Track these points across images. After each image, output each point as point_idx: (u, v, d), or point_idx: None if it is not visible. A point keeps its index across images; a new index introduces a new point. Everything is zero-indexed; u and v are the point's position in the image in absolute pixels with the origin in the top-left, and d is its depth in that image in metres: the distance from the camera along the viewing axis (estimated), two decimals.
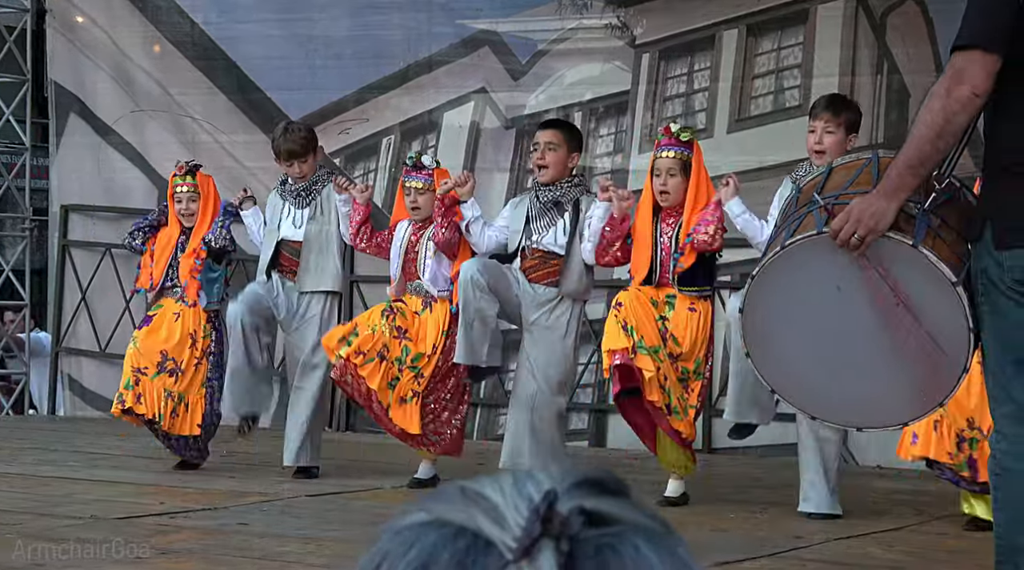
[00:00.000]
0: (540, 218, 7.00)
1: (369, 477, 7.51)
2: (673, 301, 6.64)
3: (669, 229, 6.68)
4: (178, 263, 7.69)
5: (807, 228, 3.96)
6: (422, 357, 7.18)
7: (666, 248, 6.67)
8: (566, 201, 6.98)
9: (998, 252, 3.88)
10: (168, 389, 7.55)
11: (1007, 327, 3.89)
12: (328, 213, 7.53)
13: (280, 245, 7.59)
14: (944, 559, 5.68)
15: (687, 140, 6.68)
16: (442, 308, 7.21)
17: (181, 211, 7.71)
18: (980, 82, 3.82)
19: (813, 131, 6.51)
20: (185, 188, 7.72)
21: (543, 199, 7.01)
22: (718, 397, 8.74)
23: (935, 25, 8.28)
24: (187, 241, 7.69)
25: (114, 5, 10.30)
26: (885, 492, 7.33)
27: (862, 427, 4.60)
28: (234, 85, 10.00)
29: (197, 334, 7.63)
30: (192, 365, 7.62)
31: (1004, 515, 3.94)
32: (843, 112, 6.52)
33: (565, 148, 7.00)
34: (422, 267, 7.26)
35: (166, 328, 7.64)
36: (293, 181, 7.62)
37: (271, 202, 7.73)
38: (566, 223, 6.95)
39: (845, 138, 6.47)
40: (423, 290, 7.26)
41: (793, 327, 4.03)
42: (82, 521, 5.98)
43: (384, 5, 9.64)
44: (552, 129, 7.16)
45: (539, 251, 7.00)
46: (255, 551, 5.51)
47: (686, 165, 6.65)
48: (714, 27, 8.94)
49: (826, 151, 6.40)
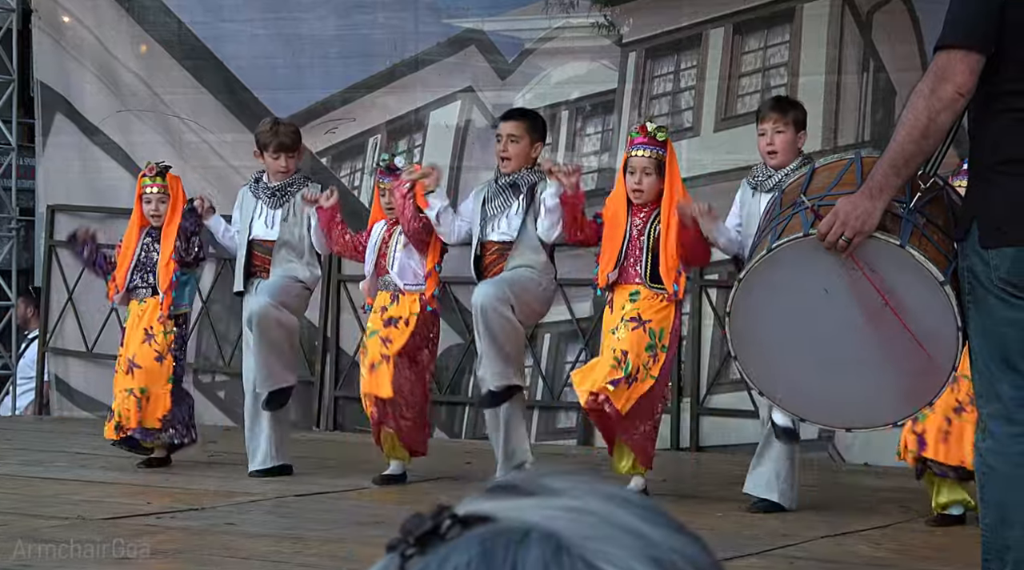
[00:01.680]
0: (494, 199, 7.02)
1: (356, 476, 7.50)
2: (636, 297, 6.66)
3: (640, 222, 6.71)
4: (141, 264, 7.71)
5: (793, 230, 3.96)
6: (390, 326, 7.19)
7: (634, 241, 6.70)
8: (522, 184, 7.00)
9: (985, 250, 3.89)
10: (129, 387, 7.57)
11: (994, 325, 3.90)
12: (300, 216, 7.53)
13: (252, 245, 7.59)
14: (931, 556, 5.69)
15: (662, 140, 6.71)
16: (409, 301, 7.22)
17: (150, 212, 7.72)
18: (964, 81, 3.83)
19: (763, 134, 6.59)
20: (155, 189, 7.73)
21: (500, 183, 7.05)
22: (705, 395, 8.75)
23: (921, 23, 8.30)
24: (152, 243, 7.70)
25: (100, 5, 10.28)
26: (872, 490, 7.34)
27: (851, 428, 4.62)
28: (221, 85, 9.99)
29: (154, 329, 7.63)
30: (152, 359, 7.61)
31: (991, 513, 3.95)
32: (790, 111, 6.63)
33: (527, 138, 7.03)
34: (391, 260, 7.28)
35: (128, 337, 7.70)
36: (268, 180, 7.61)
37: (244, 199, 7.70)
38: (520, 205, 6.97)
39: (795, 136, 6.57)
40: (391, 284, 7.28)
41: (781, 329, 4.03)
42: (69, 521, 5.97)
43: (370, 4, 9.64)
44: (514, 120, 7.17)
45: (495, 243, 7.01)
46: (242, 551, 5.50)
47: (660, 164, 6.68)
48: (700, 26, 8.95)
49: (778, 151, 6.52)
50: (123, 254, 7.77)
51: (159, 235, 7.71)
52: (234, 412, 9.70)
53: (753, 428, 6.88)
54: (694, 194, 8.64)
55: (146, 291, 7.73)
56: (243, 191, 7.76)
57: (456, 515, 0.86)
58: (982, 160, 3.97)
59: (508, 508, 0.86)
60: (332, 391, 9.60)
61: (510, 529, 0.84)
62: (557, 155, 9.12)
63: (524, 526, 0.84)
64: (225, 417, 9.80)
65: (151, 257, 7.73)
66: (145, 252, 7.73)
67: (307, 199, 7.43)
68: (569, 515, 0.85)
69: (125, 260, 7.74)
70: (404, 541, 0.86)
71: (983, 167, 3.97)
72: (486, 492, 0.89)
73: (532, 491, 0.88)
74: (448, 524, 0.85)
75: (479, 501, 0.88)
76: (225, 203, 9.89)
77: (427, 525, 0.85)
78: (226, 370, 9.84)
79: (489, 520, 0.85)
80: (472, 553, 0.83)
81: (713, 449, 8.71)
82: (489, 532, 0.84)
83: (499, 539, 0.84)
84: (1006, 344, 3.89)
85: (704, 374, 8.78)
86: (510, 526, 0.84)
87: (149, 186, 7.74)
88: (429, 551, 0.85)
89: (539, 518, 0.85)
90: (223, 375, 9.94)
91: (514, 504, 0.87)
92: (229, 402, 9.81)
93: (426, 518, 0.86)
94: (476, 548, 0.83)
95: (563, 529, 0.84)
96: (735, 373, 7.62)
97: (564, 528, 0.84)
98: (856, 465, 8.22)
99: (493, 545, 0.83)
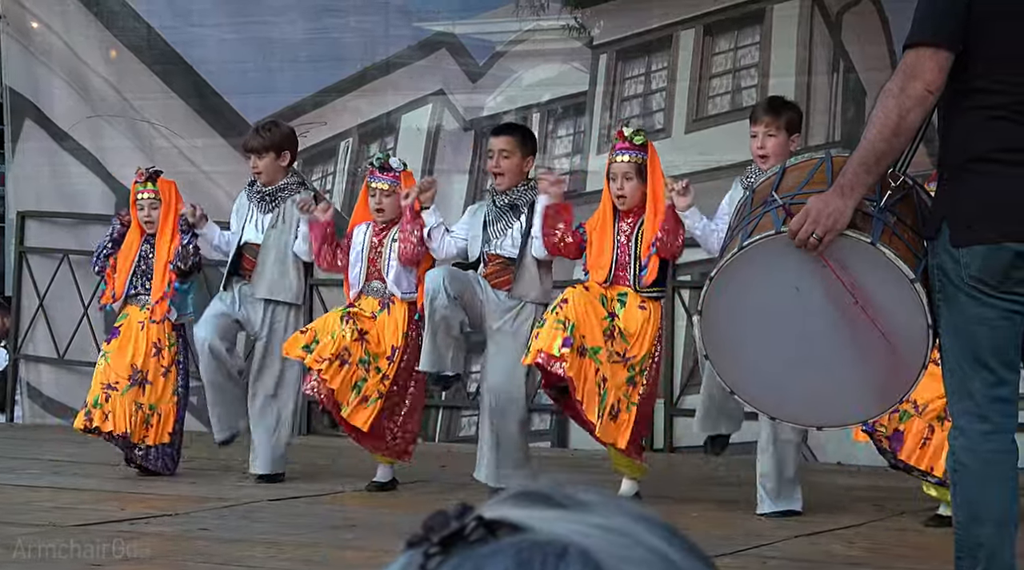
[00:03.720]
0: (496, 223, 7.02)
1: (330, 481, 7.49)
2: (624, 299, 6.67)
3: (628, 228, 6.71)
4: (141, 271, 7.66)
5: (764, 228, 3.97)
6: (381, 358, 7.17)
7: (623, 247, 6.70)
8: (522, 204, 7.00)
9: (955, 249, 3.91)
10: (138, 402, 7.53)
11: (964, 323, 3.92)
12: (289, 223, 7.49)
13: (243, 248, 7.57)
14: (905, 554, 5.70)
15: (641, 143, 6.70)
16: (401, 309, 7.20)
17: (143, 218, 7.67)
18: (932, 78, 3.84)
19: (755, 136, 6.53)
20: (147, 195, 7.68)
21: (499, 204, 7.03)
22: (679, 396, 8.76)
23: (890, 23, 8.32)
24: (151, 249, 7.65)
25: (69, 10, 10.25)
26: (845, 489, 7.36)
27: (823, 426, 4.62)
28: (191, 89, 9.95)
29: (162, 343, 7.61)
30: (160, 375, 7.60)
31: (963, 511, 3.96)
32: (783, 113, 6.56)
33: (519, 154, 7.02)
34: (386, 268, 7.24)
35: (133, 341, 7.62)
36: (260, 183, 7.58)
37: (239, 202, 7.70)
38: (522, 225, 6.97)
39: (787, 139, 6.50)
40: (382, 291, 7.24)
41: (752, 328, 4.04)
42: (41, 529, 5.94)
43: (340, 8, 9.62)
44: (505, 135, 7.15)
45: (498, 257, 7.01)
46: (217, 556, 5.49)
47: (641, 168, 6.68)
48: (671, 27, 8.96)
49: (769, 155, 6.41)
50: (123, 260, 7.71)
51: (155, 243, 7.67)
52: (208, 418, 9.66)
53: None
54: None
55: (147, 297, 7.67)
56: (241, 194, 7.74)
57: (482, 517, 0.84)
58: (952, 158, 3.99)
59: (540, 518, 0.84)
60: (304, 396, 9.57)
61: (547, 542, 0.82)
62: None
63: (560, 541, 0.83)
64: (198, 422, 9.76)
65: (150, 264, 7.68)
66: (144, 259, 7.69)
67: (302, 208, 7.37)
68: (602, 534, 0.84)
69: (125, 266, 7.69)
70: (426, 539, 0.83)
71: (953, 165, 3.98)
72: (513, 497, 0.86)
73: (563, 503, 0.86)
74: (473, 526, 0.83)
75: (506, 506, 0.85)
76: None
77: (452, 526, 0.83)
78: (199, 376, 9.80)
79: (519, 529, 0.83)
80: (508, 563, 0.81)
81: (687, 450, 8.72)
82: (525, 543, 0.82)
83: (536, 552, 0.82)
84: (977, 341, 3.91)
85: (677, 375, 8.78)
86: (545, 539, 0.83)
87: (141, 192, 7.69)
88: (454, 553, 0.83)
89: (573, 533, 0.83)
90: (196, 380, 9.89)
91: (545, 515, 0.85)
92: (202, 408, 9.77)
93: (450, 518, 0.84)
94: (512, 558, 0.81)
95: (599, 548, 0.83)
96: None
97: (599, 548, 0.83)
98: (829, 464, 8.23)
99: (530, 557, 0.81)
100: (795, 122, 6.56)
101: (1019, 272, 3.88)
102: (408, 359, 7.16)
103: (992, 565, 3.89)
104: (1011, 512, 3.94)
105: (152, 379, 7.56)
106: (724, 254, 4.08)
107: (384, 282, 7.23)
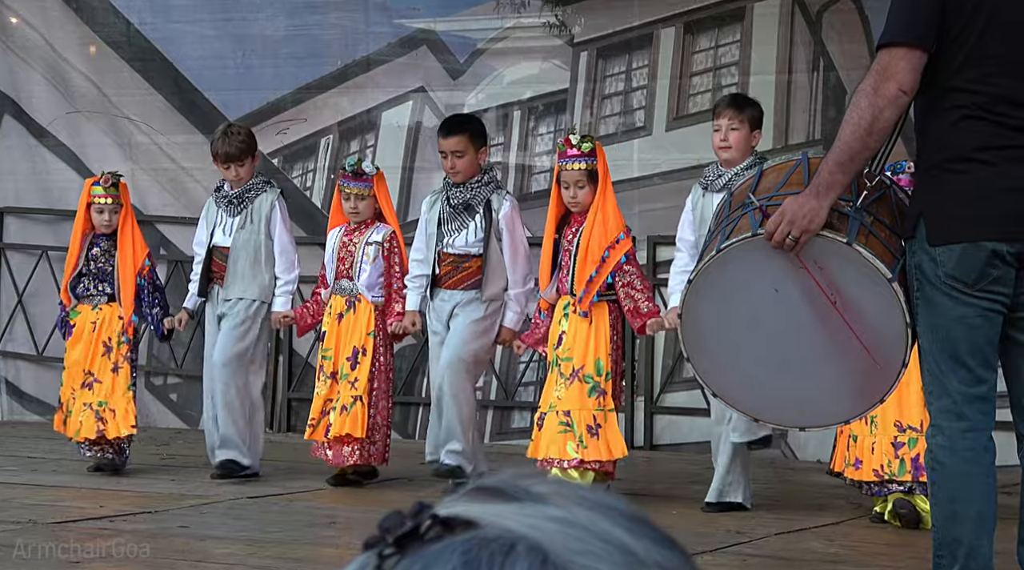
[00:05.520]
0: (451, 221, 7.04)
1: (310, 478, 7.48)
2: (567, 310, 6.70)
3: (571, 234, 6.74)
4: (91, 272, 7.68)
5: (742, 230, 3.97)
6: (345, 364, 7.21)
7: (566, 252, 6.73)
8: (476, 202, 7.01)
9: (932, 248, 3.92)
10: (87, 402, 7.54)
11: (942, 322, 3.93)
12: (258, 223, 7.50)
13: (212, 252, 7.57)
14: (883, 552, 5.72)
15: (588, 150, 6.71)
16: (367, 309, 7.23)
17: (102, 222, 7.68)
18: (906, 78, 3.85)
19: (718, 130, 6.60)
20: (109, 201, 7.69)
21: (454, 202, 7.05)
22: (659, 394, 8.77)
23: (870, 22, 8.34)
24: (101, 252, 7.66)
25: (48, 6, 10.22)
26: (824, 487, 7.37)
27: (805, 427, 4.63)
28: (171, 86, 9.94)
29: (112, 341, 7.62)
30: (108, 371, 7.60)
31: (941, 509, 3.97)
32: (746, 109, 6.64)
33: (472, 150, 7.04)
34: (357, 269, 7.27)
35: (84, 343, 7.64)
36: (228, 187, 7.59)
37: (207, 208, 7.71)
38: (477, 225, 6.99)
39: (749, 134, 6.58)
40: (349, 289, 7.27)
41: (732, 330, 4.04)
42: (20, 526, 5.93)
43: (321, 4, 9.61)
44: (455, 135, 7.10)
45: (451, 255, 7.03)
46: (196, 553, 5.48)
47: (592, 174, 6.69)
48: (652, 25, 8.96)
49: (732, 147, 6.52)
50: (69, 261, 7.74)
51: (114, 243, 7.67)
52: (186, 414, 9.66)
53: (703, 426, 6.90)
54: (647, 193, 8.69)
55: (101, 297, 7.68)
56: (209, 200, 7.75)
57: (437, 516, 0.83)
58: (928, 158, 4.00)
59: (492, 513, 0.83)
60: (285, 393, 9.57)
61: (495, 539, 0.81)
62: (510, 155, 9.12)
63: (510, 537, 0.81)
64: (177, 419, 9.76)
65: (107, 265, 7.68)
66: (96, 261, 7.69)
67: (277, 324, 7.67)
68: (555, 526, 0.82)
69: (71, 266, 7.71)
70: (382, 540, 0.83)
71: (930, 165, 3.99)
72: (468, 493, 0.85)
73: (516, 496, 0.85)
74: (428, 525, 0.82)
75: (461, 503, 0.84)
76: (176, 205, 9.88)
77: (407, 525, 0.83)
78: (178, 372, 9.80)
79: (472, 525, 0.82)
80: (455, 563, 0.80)
81: (667, 447, 8.73)
82: (473, 541, 0.81)
83: (483, 550, 0.81)
84: (954, 340, 3.92)
85: (657, 373, 8.79)
86: (494, 535, 0.81)
87: (103, 197, 7.69)
88: (408, 552, 0.82)
89: (524, 527, 0.82)
90: (175, 377, 9.89)
91: (498, 509, 0.84)
92: (182, 404, 9.77)
93: (406, 517, 0.83)
94: (459, 558, 0.81)
95: (549, 542, 0.81)
96: (688, 372, 7.64)
97: (550, 541, 0.81)
98: (809, 462, 8.24)
99: (477, 556, 0.80)
100: (757, 118, 6.65)
101: (996, 271, 3.89)
102: (378, 359, 7.21)
103: (970, 563, 3.91)
104: (989, 510, 3.95)
105: (100, 377, 7.58)
106: (703, 257, 4.08)
107: (352, 281, 7.26)
